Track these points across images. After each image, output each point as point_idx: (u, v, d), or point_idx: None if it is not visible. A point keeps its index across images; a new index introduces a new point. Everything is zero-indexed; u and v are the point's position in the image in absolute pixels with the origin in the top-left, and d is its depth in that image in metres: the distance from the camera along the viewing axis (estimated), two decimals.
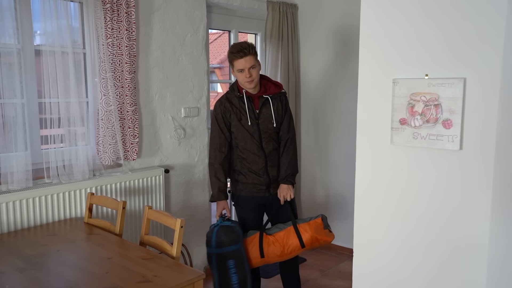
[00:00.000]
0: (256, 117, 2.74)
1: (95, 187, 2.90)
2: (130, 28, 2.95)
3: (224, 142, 2.78)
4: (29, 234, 2.51)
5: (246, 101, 2.72)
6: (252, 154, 2.76)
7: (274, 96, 2.79)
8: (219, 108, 2.78)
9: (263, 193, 2.82)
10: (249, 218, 2.86)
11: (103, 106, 2.88)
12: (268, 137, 2.77)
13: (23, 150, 2.60)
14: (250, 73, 2.66)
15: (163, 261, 2.12)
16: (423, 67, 1.50)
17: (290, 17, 4.04)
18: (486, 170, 1.40)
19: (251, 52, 2.66)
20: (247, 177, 2.79)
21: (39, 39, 2.73)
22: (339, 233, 4.14)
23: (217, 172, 2.77)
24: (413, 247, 1.58)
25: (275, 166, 2.82)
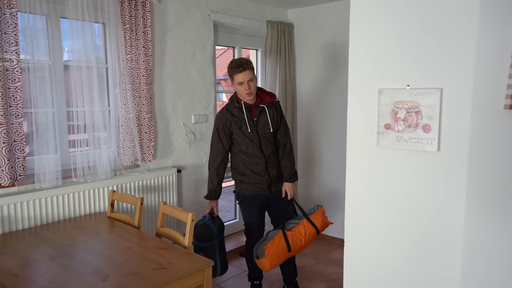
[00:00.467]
0: (255, 124, 2.73)
1: (116, 185, 2.91)
2: (147, 45, 2.96)
3: (221, 150, 2.76)
4: (59, 227, 2.52)
5: (245, 111, 2.71)
6: (253, 157, 2.74)
7: (269, 105, 2.77)
8: (220, 118, 2.75)
9: (265, 191, 2.80)
10: (254, 214, 2.84)
11: (123, 114, 2.89)
12: (266, 141, 2.75)
13: (53, 153, 2.61)
14: (249, 86, 2.63)
15: (176, 251, 2.13)
16: (405, 79, 1.51)
17: (287, 35, 4.06)
18: (460, 168, 1.42)
19: (249, 67, 2.64)
20: (250, 178, 2.78)
21: (67, 56, 2.74)
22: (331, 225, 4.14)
23: (212, 175, 2.80)
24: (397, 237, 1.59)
25: (275, 167, 2.81)
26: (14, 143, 2.40)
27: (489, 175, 1.38)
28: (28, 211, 2.50)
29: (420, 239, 1.53)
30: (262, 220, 2.89)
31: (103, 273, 1.86)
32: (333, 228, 4.11)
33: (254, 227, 2.85)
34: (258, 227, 2.85)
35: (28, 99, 2.49)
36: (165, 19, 3.20)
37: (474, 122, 1.38)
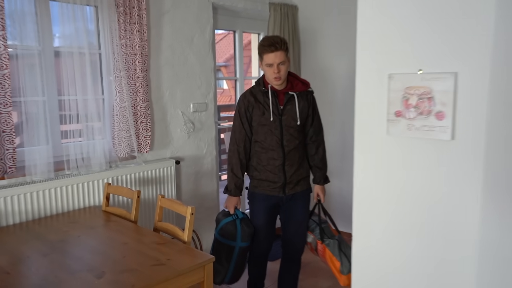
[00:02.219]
0: (280, 113, 2.53)
1: (112, 177, 2.90)
2: (142, 29, 2.93)
3: (244, 137, 2.58)
4: (52, 221, 2.52)
5: (270, 96, 2.51)
6: (270, 150, 2.55)
7: (300, 94, 2.57)
8: (243, 102, 2.58)
9: (277, 192, 2.61)
10: (261, 216, 2.67)
11: (118, 103, 2.87)
12: (289, 134, 2.55)
13: (45, 144, 2.60)
14: (278, 69, 2.43)
15: (175, 246, 2.13)
16: (416, 63, 1.48)
17: (290, 17, 4.01)
18: (476, 158, 1.39)
19: (283, 47, 2.43)
20: (261, 174, 2.60)
21: (58, 41, 2.72)
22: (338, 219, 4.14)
23: (234, 167, 2.61)
24: (408, 230, 1.58)
25: (293, 165, 2.59)
26: (3, 134, 2.40)
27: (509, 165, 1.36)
28: (19, 205, 2.50)
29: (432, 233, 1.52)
30: (271, 224, 2.72)
31: (98, 270, 1.86)
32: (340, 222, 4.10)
33: (261, 231, 2.69)
34: (266, 231, 2.69)
35: (17, 88, 2.47)
36: (162, 2, 3.16)
37: (490, 108, 1.35)
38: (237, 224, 2.61)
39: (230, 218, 2.64)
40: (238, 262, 2.65)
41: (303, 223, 2.72)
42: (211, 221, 3.57)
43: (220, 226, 2.66)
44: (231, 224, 2.62)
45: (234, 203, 2.66)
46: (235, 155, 2.61)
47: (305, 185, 2.69)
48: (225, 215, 2.67)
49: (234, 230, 2.60)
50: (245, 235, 2.61)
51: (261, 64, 2.54)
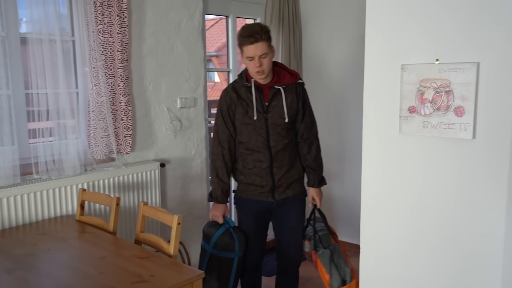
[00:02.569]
0: (265, 110, 2.54)
1: (87, 182, 2.89)
2: (122, 13, 2.92)
3: (228, 138, 2.60)
4: (18, 233, 2.50)
5: (254, 92, 2.52)
6: (256, 152, 2.57)
7: (288, 87, 2.57)
8: (224, 99, 2.60)
9: (266, 197, 2.63)
10: (249, 222, 2.70)
11: (94, 97, 2.86)
12: (277, 133, 2.55)
13: (9, 144, 2.58)
14: (260, 62, 2.42)
15: (160, 260, 2.12)
16: (433, 52, 1.48)
17: (291, 0, 4.01)
18: (501, 161, 1.39)
19: (264, 37, 2.40)
20: (247, 178, 2.63)
21: (25, 27, 2.71)
22: (345, 229, 4.15)
23: (219, 171, 2.62)
24: (423, 241, 1.57)
25: (283, 167, 2.60)
26: None
27: None
28: None
29: (450, 245, 1.51)
30: (261, 231, 2.76)
31: None
32: (347, 232, 4.11)
33: (250, 239, 2.72)
34: (255, 238, 2.72)
35: None
36: None
37: None
38: (233, 233, 2.63)
39: (223, 228, 2.65)
40: (237, 275, 2.69)
41: (298, 230, 2.73)
42: (200, 232, 3.56)
43: (214, 240, 2.65)
44: (227, 235, 2.63)
45: (222, 211, 2.67)
46: (219, 158, 2.62)
47: (298, 188, 2.70)
48: (215, 226, 2.68)
49: (231, 240, 2.62)
50: (242, 243, 2.65)
51: (242, 57, 2.53)
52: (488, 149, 1.41)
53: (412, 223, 1.60)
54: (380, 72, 1.61)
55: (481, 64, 1.40)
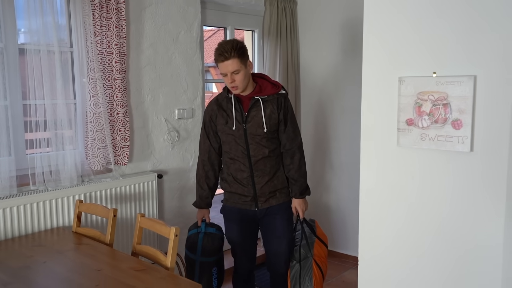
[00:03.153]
0: (244, 120, 2.60)
1: (84, 194, 2.88)
2: (120, 25, 2.94)
3: (208, 148, 2.72)
4: (13, 245, 2.49)
5: (233, 102, 2.61)
6: (237, 161, 2.65)
7: (269, 98, 2.62)
8: (207, 110, 2.73)
9: (249, 206, 2.69)
10: (235, 231, 2.76)
11: (92, 108, 2.87)
12: (256, 143, 2.61)
13: (6, 155, 2.58)
14: (232, 78, 2.51)
15: (157, 273, 2.10)
16: (430, 65, 1.49)
17: (289, 12, 4.04)
18: (499, 173, 1.40)
19: (234, 55, 2.47)
20: (230, 186, 2.71)
21: (23, 38, 2.71)
22: (342, 240, 4.14)
23: (200, 179, 2.77)
24: (422, 254, 1.57)
25: (264, 176, 2.65)
26: None
27: None
28: None
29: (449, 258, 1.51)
30: (247, 240, 2.79)
31: None
32: (345, 244, 4.10)
33: (236, 248, 2.79)
34: (242, 248, 2.78)
35: None
36: None
37: None
38: (200, 237, 2.75)
39: (195, 230, 2.80)
40: (203, 278, 2.75)
41: (284, 240, 2.73)
42: None
43: (186, 237, 2.83)
44: (195, 236, 2.77)
45: (201, 215, 2.82)
46: (200, 166, 2.78)
47: (282, 197, 2.73)
48: (194, 226, 2.84)
49: (194, 242, 2.75)
50: (206, 250, 2.72)
51: None
52: (486, 162, 1.42)
53: (410, 235, 1.59)
54: (378, 85, 1.62)
55: (478, 77, 1.41)
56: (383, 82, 1.60)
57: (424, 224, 1.56)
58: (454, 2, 1.43)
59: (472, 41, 1.41)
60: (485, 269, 1.45)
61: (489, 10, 1.37)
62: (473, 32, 1.40)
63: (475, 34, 1.40)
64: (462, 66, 1.43)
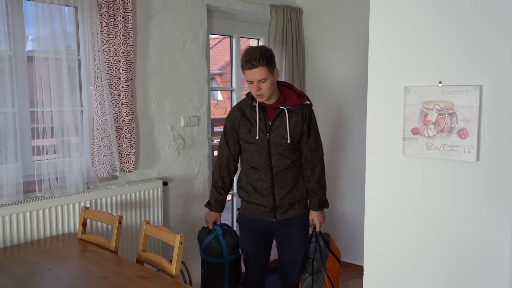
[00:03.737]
0: (267, 130, 2.58)
1: (90, 200, 2.89)
2: (127, 33, 2.96)
3: (227, 155, 2.72)
4: (19, 251, 2.49)
5: (258, 111, 2.57)
6: (258, 171, 2.62)
7: (294, 108, 2.59)
8: (229, 118, 2.70)
9: (267, 217, 2.65)
10: (249, 242, 2.73)
11: (99, 115, 2.88)
12: (278, 154, 2.58)
13: (13, 162, 2.59)
14: (259, 86, 2.47)
15: (161, 280, 2.10)
16: (436, 74, 1.50)
17: (294, 21, 4.06)
18: (505, 183, 1.39)
19: (262, 63, 2.44)
20: (249, 195, 2.68)
21: (31, 45, 2.74)
22: (348, 249, 4.12)
23: (216, 182, 2.77)
24: (428, 263, 1.56)
25: (285, 187, 2.62)
26: None
27: None
28: None
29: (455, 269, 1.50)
30: (262, 251, 2.77)
31: None
32: (350, 253, 4.08)
33: (249, 257, 2.77)
34: (255, 258, 2.76)
35: None
36: (150, 3, 3.20)
37: None
38: (221, 239, 2.73)
39: (212, 235, 2.77)
40: (232, 277, 2.76)
41: (300, 251, 2.72)
42: None
43: (204, 245, 2.78)
44: (215, 241, 2.74)
45: (213, 218, 2.80)
46: (217, 171, 2.78)
47: (300, 209, 2.70)
48: (206, 233, 2.81)
49: (218, 246, 2.72)
50: (231, 248, 2.74)
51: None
52: (492, 171, 1.41)
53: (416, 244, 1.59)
54: (384, 94, 1.62)
55: (484, 86, 1.41)
56: (388, 91, 1.60)
57: (430, 233, 1.55)
58: (459, 12, 1.43)
59: (478, 50, 1.41)
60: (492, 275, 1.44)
61: (495, 20, 1.37)
62: (478, 42, 1.41)
63: (480, 43, 1.40)
64: (468, 75, 1.43)
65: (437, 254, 1.54)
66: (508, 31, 1.35)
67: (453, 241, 1.51)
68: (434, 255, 1.55)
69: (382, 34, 1.60)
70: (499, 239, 1.41)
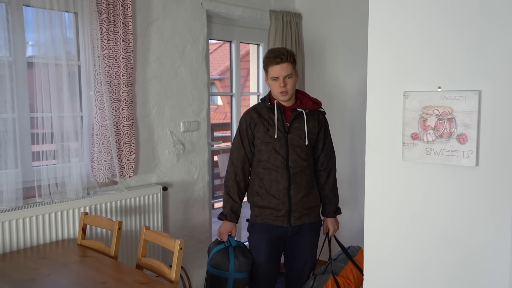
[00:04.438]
0: (286, 130, 2.59)
1: (89, 206, 2.88)
2: (127, 39, 2.97)
3: (243, 157, 2.65)
4: (19, 257, 2.49)
5: (276, 112, 2.57)
6: (274, 171, 2.57)
7: (311, 112, 2.64)
8: (244, 119, 2.67)
9: (281, 222, 2.59)
10: (261, 250, 2.64)
11: (98, 121, 2.88)
12: (296, 154, 2.58)
13: (13, 167, 2.60)
14: (285, 83, 2.50)
15: (161, 286, 2.10)
16: (435, 79, 1.50)
17: (294, 26, 4.07)
18: (505, 188, 1.39)
19: (289, 59, 2.51)
20: (263, 199, 2.61)
21: (31, 50, 2.75)
22: None
23: (230, 189, 2.66)
24: (427, 267, 1.56)
25: (301, 190, 2.59)
26: None
27: None
28: None
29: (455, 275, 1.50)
30: (274, 261, 2.69)
31: None
32: None
33: (261, 268, 2.65)
34: (266, 268, 2.66)
35: None
36: (150, 9, 3.21)
37: None
38: (230, 251, 2.61)
39: (222, 245, 2.65)
40: None
41: (309, 261, 2.71)
42: (202, 257, 3.54)
43: (210, 256, 2.67)
44: (223, 252, 2.62)
45: (229, 228, 2.68)
46: (231, 177, 2.67)
47: (314, 216, 2.68)
48: (217, 243, 2.71)
49: (226, 259, 2.60)
50: (241, 265, 2.59)
51: (266, 79, 2.62)
52: (492, 177, 1.41)
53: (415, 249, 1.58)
54: (383, 99, 1.62)
55: (483, 92, 1.41)
56: (388, 96, 1.61)
57: (430, 238, 1.55)
58: (458, 19, 1.44)
59: (477, 56, 1.41)
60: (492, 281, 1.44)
61: (494, 26, 1.38)
62: (477, 47, 1.41)
63: (479, 49, 1.41)
64: (467, 80, 1.44)
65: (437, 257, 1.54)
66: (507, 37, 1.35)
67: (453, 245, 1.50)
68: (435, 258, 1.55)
69: (381, 39, 1.61)
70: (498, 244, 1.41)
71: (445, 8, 1.46)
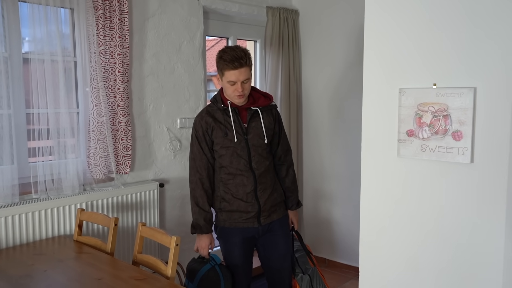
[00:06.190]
0: (244, 132, 2.49)
1: (85, 202, 2.88)
2: (123, 35, 2.96)
3: (206, 164, 2.52)
4: (15, 253, 2.49)
5: (231, 114, 2.47)
6: (239, 176, 2.49)
7: (264, 109, 2.56)
8: (199, 124, 2.52)
9: (251, 223, 2.53)
10: (236, 254, 2.58)
11: (95, 117, 2.88)
12: (258, 155, 2.51)
13: (9, 163, 2.59)
14: (242, 87, 2.39)
15: (157, 282, 2.10)
16: (431, 76, 1.50)
17: (291, 23, 4.06)
18: (499, 184, 1.40)
19: (247, 63, 2.38)
20: (231, 204, 2.52)
21: (27, 46, 2.74)
22: (343, 251, 4.12)
23: (199, 200, 2.53)
24: (422, 263, 1.57)
25: (267, 189, 2.54)
26: None
27: None
28: None
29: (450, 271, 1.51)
30: (248, 261, 2.64)
31: None
32: (346, 255, 4.08)
33: (238, 271, 2.60)
34: (243, 270, 2.61)
35: None
36: (146, 5, 3.20)
37: None
38: (218, 270, 2.51)
39: (208, 265, 2.54)
40: None
41: (287, 256, 2.68)
42: None
43: (199, 277, 2.53)
44: (212, 271, 2.51)
45: (208, 241, 2.56)
46: (198, 186, 2.53)
47: (281, 211, 2.66)
48: (201, 263, 2.57)
49: (216, 278, 2.50)
50: (228, 282, 2.52)
51: (219, 80, 2.49)
52: (486, 173, 1.42)
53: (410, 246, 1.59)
54: (378, 96, 1.63)
55: (478, 89, 1.41)
56: (383, 93, 1.61)
57: (424, 234, 1.56)
58: (454, 15, 1.44)
59: (472, 53, 1.42)
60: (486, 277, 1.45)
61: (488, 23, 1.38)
62: (473, 44, 1.41)
63: (474, 46, 1.41)
64: (462, 77, 1.44)
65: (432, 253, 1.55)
66: (501, 34, 1.36)
67: (448, 242, 1.51)
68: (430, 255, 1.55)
69: (377, 37, 1.61)
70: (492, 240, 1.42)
71: (440, 6, 1.46)
